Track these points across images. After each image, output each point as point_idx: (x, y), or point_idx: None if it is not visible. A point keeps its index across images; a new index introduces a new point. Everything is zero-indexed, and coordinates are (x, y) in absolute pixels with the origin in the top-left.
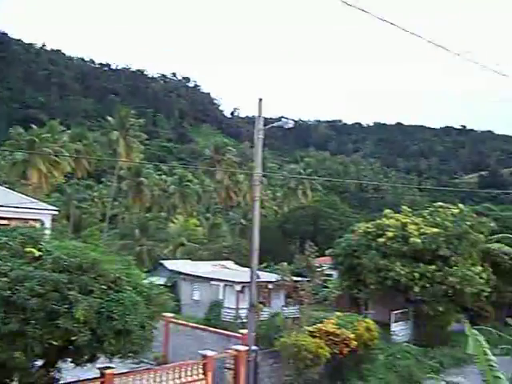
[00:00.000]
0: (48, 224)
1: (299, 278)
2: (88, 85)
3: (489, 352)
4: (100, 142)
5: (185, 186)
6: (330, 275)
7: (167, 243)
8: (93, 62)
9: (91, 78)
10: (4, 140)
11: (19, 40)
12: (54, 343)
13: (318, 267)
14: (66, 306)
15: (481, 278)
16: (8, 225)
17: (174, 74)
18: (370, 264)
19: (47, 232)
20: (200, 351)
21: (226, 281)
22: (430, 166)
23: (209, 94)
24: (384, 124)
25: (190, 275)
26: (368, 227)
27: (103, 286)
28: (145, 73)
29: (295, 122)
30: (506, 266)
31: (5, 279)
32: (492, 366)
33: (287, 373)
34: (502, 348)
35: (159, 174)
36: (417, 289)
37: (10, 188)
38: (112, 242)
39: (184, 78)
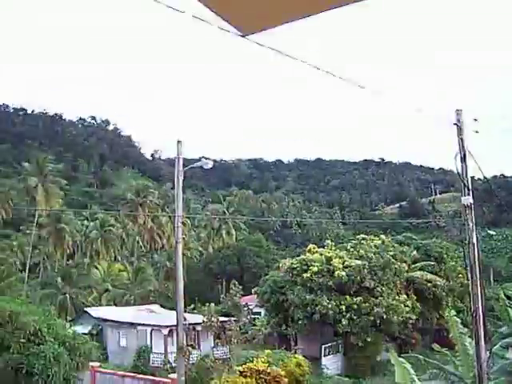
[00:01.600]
0: None
1: (226, 318)
2: (2, 130)
3: (415, 379)
4: (17, 188)
5: (107, 231)
6: (257, 313)
7: (91, 290)
8: (7, 106)
9: (6, 123)
10: None
11: None
12: None
13: (245, 306)
14: None
15: (406, 306)
16: None
17: (93, 118)
18: (296, 299)
19: None
20: None
21: (153, 325)
22: (352, 199)
23: (129, 136)
24: (305, 160)
25: (116, 322)
26: (293, 263)
27: (22, 340)
28: (63, 117)
29: (215, 161)
30: (430, 293)
31: None
32: None
33: None
34: (431, 373)
35: (80, 220)
36: (344, 321)
37: None
38: (33, 292)
39: (103, 121)
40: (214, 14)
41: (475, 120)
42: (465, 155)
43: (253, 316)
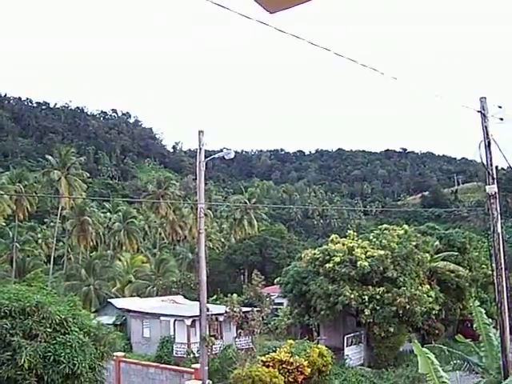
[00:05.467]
0: None
1: (249, 309)
2: (26, 124)
3: (440, 369)
4: (41, 182)
5: (130, 223)
6: (280, 304)
7: (115, 281)
8: (30, 101)
9: (29, 117)
10: None
11: None
12: None
13: (267, 296)
14: (8, 354)
15: (429, 296)
16: None
17: (114, 111)
18: (319, 290)
19: None
20: None
21: (176, 316)
22: (373, 190)
23: (150, 129)
24: (326, 150)
25: (139, 312)
26: (315, 253)
27: (49, 329)
28: (84, 110)
29: (237, 152)
30: (453, 284)
31: None
32: (444, 382)
33: None
34: (454, 363)
35: (103, 212)
36: (367, 311)
37: None
38: (58, 283)
39: (124, 113)
40: None
41: (500, 107)
42: (489, 143)
43: (275, 306)
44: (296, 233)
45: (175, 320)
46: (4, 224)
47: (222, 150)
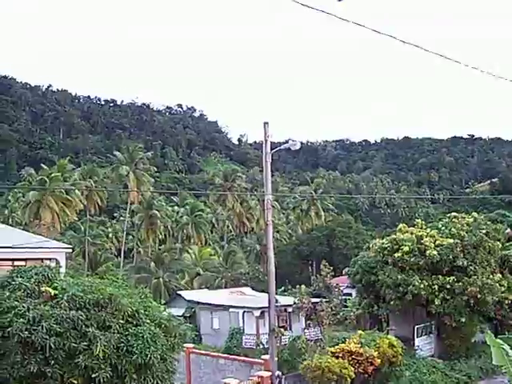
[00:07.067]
0: (63, 262)
1: (317, 300)
2: (95, 122)
3: None
4: (110, 177)
5: (197, 216)
6: (348, 294)
7: (183, 274)
8: (99, 99)
9: (98, 115)
10: (16, 182)
11: (26, 83)
12: (75, 382)
13: (336, 287)
14: (84, 344)
15: (501, 285)
16: (24, 265)
17: (179, 106)
18: (388, 280)
19: (62, 270)
20: (223, 380)
21: (245, 307)
22: (441, 178)
23: (215, 122)
24: (391, 139)
25: (208, 304)
26: (383, 243)
27: (121, 321)
28: (150, 106)
29: (302, 143)
30: None
31: (21, 320)
32: None
33: None
34: None
35: (171, 206)
36: (437, 301)
37: (23, 229)
38: (128, 276)
39: (189, 108)
40: None
41: None
42: None
43: (344, 297)
44: (363, 223)
45: (244, 311)
46: (76, 219)
47: (287, 141)
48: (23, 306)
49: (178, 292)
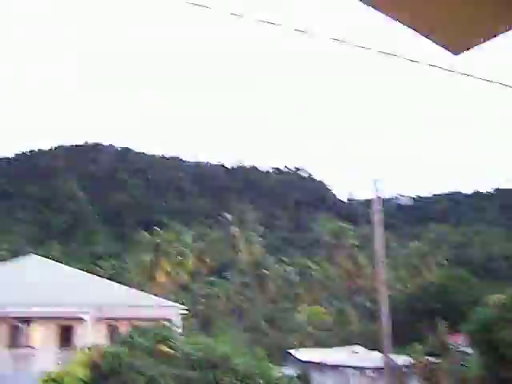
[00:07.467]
0: (178, 322)
1: (433, 359)
2: (205, 185)
3: None
4: (220, 238)
5: (307, 275)
6: (465, 353)
7: (295, 333)
8: (209, 164)
9: (207, 178)
10: (132, 245)
11: (142, 153)
12: None
13: (453, 345)
14: None
15: None
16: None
17: (285, 167)
18: (510, 338)
19: (177, 330)
20: None
21: (359, 367)
22: None
23: (321, 181)
24: (508, 189)
25: (320, 364)
26: (504, 298)
27: (235, 380)
28: (258, 168)
29: (413, 198)
30: None
31: (142, 378)
32: None
33: None
34: None
35: (280, 265)
36: None
37: (140, 289)
38: (239, 335)
39: (296, 168)
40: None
41: None
42: None
43: (462, 356)
44: (478, 277)
45: (358, 371)
46: (188, 280)
47: (396, 197)
48: (143, 365)
49: (290, 351)
